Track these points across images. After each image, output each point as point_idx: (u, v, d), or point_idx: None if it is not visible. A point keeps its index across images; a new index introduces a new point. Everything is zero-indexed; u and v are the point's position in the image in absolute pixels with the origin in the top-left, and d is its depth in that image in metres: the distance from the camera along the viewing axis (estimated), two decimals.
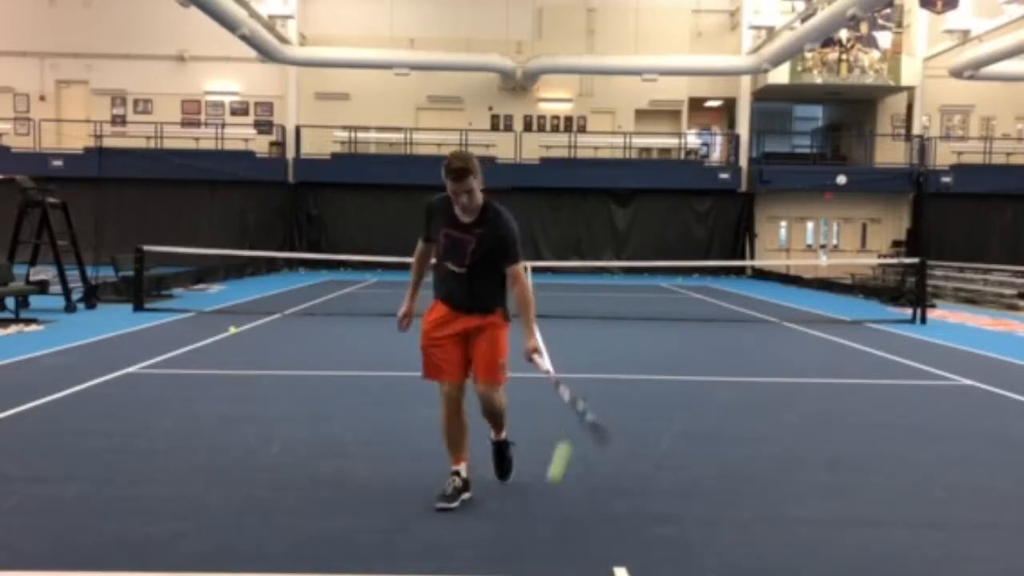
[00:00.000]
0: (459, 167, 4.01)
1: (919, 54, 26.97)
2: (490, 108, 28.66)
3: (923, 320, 13.47)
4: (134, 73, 27.78)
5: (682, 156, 28.73)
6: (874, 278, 22.99)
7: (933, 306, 15.74)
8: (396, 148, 27.35)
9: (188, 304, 14.27)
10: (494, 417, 4.51)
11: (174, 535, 3.78)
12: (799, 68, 26.54)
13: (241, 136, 27.44)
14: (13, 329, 10.61)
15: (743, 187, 27.59)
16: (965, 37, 23.26)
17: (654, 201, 27.30)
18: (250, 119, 28.32)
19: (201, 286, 18.33)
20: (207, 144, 27.08)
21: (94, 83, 28.04)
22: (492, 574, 3.48)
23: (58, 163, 25.11)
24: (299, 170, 26.94)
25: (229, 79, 28.29)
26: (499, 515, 4.16)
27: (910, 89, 27.49)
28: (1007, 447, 5.79)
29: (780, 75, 26.40)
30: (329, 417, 6.30)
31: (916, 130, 27.75)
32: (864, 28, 26.14)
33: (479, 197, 4.11)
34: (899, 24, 26.82)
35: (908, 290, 16.71)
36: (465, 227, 4.17)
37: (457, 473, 4.29)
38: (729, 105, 29.51)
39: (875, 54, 26.66)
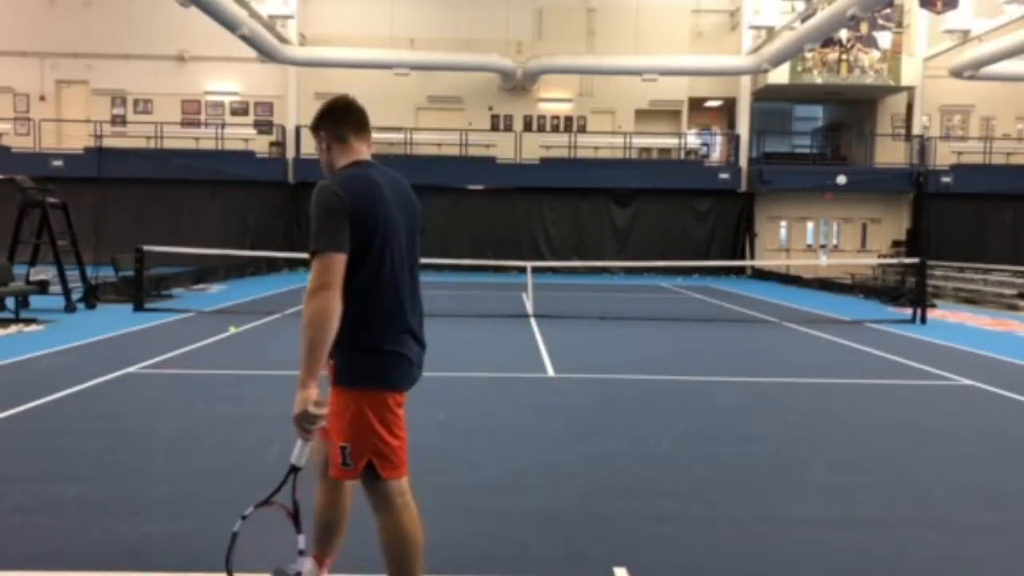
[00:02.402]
0: None
1: (919, 54, 26.97)
2: (490, 108, 28.66)
3: (923, 320, 13.47)
4: (134, 73, 27.78)
5: (682, 156, 28.73)
6: (874, 278, 22.99)
7: (933, 306, 15.74)
8: (396, 148, 27.33)
9: (188, 304, 14.27)
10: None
11: (174, 535, 3.78)
12: (799, 68, 26.54)
13: (241, 136, 27.45)
14: (13, 329, 10.61)
15: (743, 187, 27.59)
16: (965, 37, 23.24)
17: (654, 201, 27.31)
18: (250, 119, 28.32)
19: (201, 286, 18.33)
20: (207, 144, 27.09)
21: (94, 83, 28.03)
22: (492, 574, 3.48)
23: (58, 163, 25.11)
24: (299, 170, 26.93)
25: (229, 79, 28.29)
26: (499, 515, 4.16)
27: (910, 89, 27.49)
28: (1007, 447, 5.79)
29: (780, 75, 26.40)
30: None
31: (916, 130, 27.75)
32: (864, 28, 26.14)
33: (330, 159, 2.84)
34: (899, 24, 26.82)
35: (908, 290, 16.71)
36: None
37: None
38: (729, 105, 29.51)
39: (875, 54, 26.66)
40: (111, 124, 27.45)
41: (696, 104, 29.33)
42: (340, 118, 2.81)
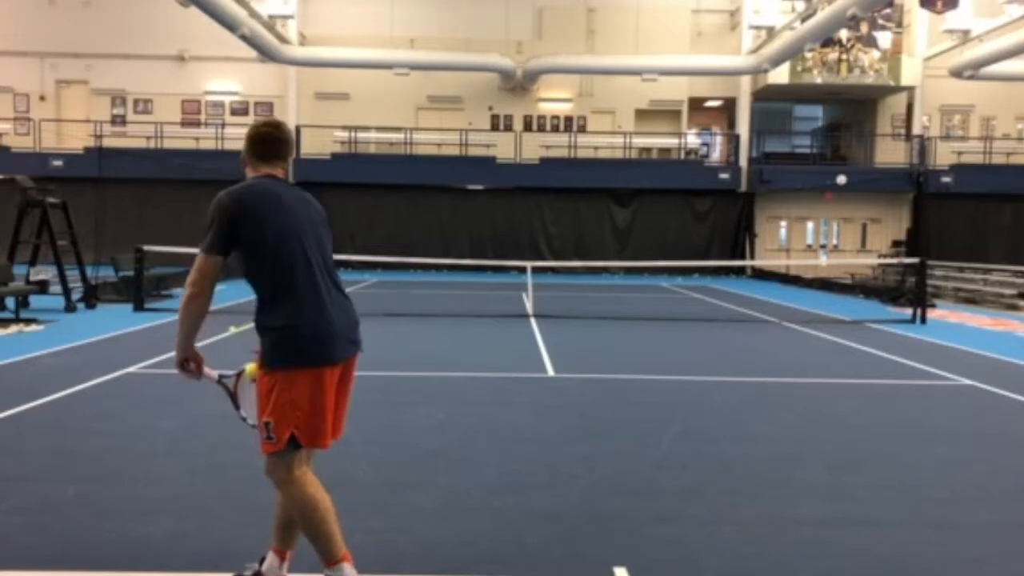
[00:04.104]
0: None
1: (919, 54, 26.98)
2: (490, 108, 28.67)
3: (923, 320, 13.48)
4: (134, 73, 27.80)
5: (682, 156, 28.74)
6: (874, 278, 23.00)
7: (933, 306, 15.75)
8: (396, 148, 27.35)
9: None
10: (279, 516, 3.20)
11: (174, 535, 3.78)
12: (799, 68, 26.55)
13: (241, 136, 27.27)
14: (13, 329, 10.61)
15: (743, 187, 27.60)
16: (965, 37, 23.27)
17: (654, 201, 27.32)
18: (250, 119, 28.29)
19: None
20: (207, 144, 27.09)
21: (94, 83, 28.05)
22: (492, 574, 3.48)
23: (58, 163, 25.12)
24: (299, 170, 26.88)
25: (229, 79, 28.30)
26: (499, 515, 4.16)
27: (910, 89, 27.50)
28: (1007, 447, 5.79)
29: (780, 75, 26.41)
30: None
31: (916, 130, 27.76)
32: (864, 28, 26.16)
33: (244, 172, 3.27)
34: (899, 24, 26.83)
35: (908, 290, 16.72)
36: None
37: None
38: (729, 105, 29.52)
39: (875, 54, 26.67)
40: (111, 124, 27.47)
41: (696, 104, 29.34)
42: (257, 144, 3.20)
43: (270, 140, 3.20)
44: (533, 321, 12.81)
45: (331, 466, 4.93)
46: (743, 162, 27.99)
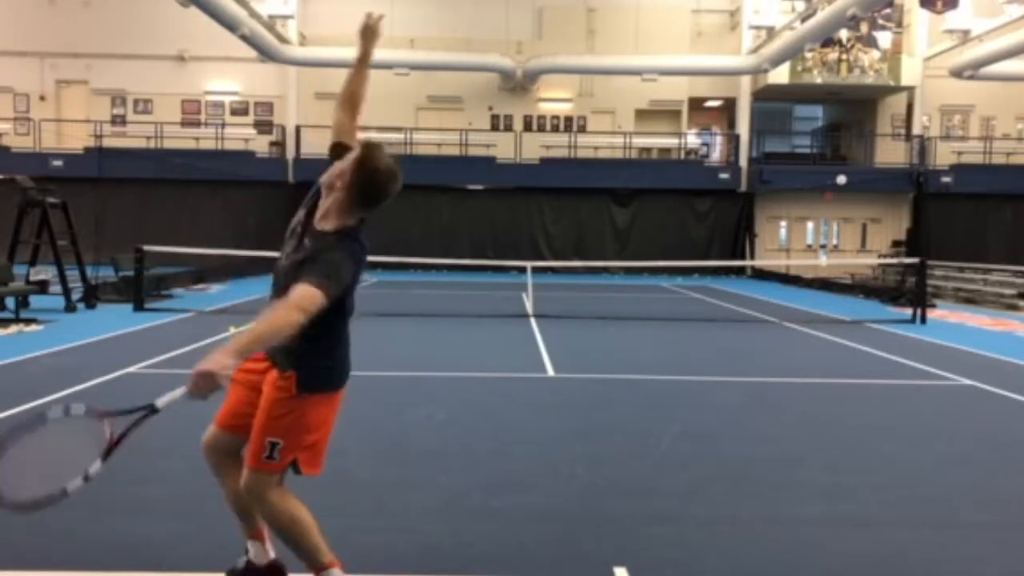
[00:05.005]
0: None
1: (919, 54, 26.97)
2: (490, 108, 28.67)
3: (923, 320, 13.47)
4: (134, 73, 27.79)
5: (682, 156, 28.74)
6: (874, 278, 23.00)
7: (933, 306, 15.74)
8: (396, 148, 27.28)
9: (188, 304, 14.27)
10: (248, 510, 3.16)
11: (174, 535, 3.79)
12: (799, 68, 26.55)
13: (241, 136, 27.44)
14: (13, 329, 10.60)
15: (743, 187, 27.59)
16: (965, 37, 23.26)
17: (654, 201, 27.32)
18: (250, 119, 28.32)
19: (201, 286, 18.33)
20: (207, 144, 27.09)
21: (94, 83, 28.05)
22: (492, 574, 3.48)
23: (58, 163, 25.12)
24: (299, 170, 26.91)
25: (229, 79, 28.29)
26: (499, 515, 4.16)
27: (910, 89, 27.49)
28: (1007, 447, 5.79)
29: (780, 75, 26.40)
30: None
31: (916, 130, 27.75)
32: (864, 28, 26.15)
33: (342, 209, 2.94)
34: (899, 24, 26.83)
35: (908, 290, 16.72)
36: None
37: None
38: (729, 105, 29.51)
39: (875, 54, 26.67)
40: (111, 124, 27.45)
41: (696, 104, 29.34)
42: (373, 192, 2.84)
43: (389, 192, 2.85)
44: (533, 321, 12.81)
45: (331, 466, 4.93)
46: (743, 162, 27.99)
